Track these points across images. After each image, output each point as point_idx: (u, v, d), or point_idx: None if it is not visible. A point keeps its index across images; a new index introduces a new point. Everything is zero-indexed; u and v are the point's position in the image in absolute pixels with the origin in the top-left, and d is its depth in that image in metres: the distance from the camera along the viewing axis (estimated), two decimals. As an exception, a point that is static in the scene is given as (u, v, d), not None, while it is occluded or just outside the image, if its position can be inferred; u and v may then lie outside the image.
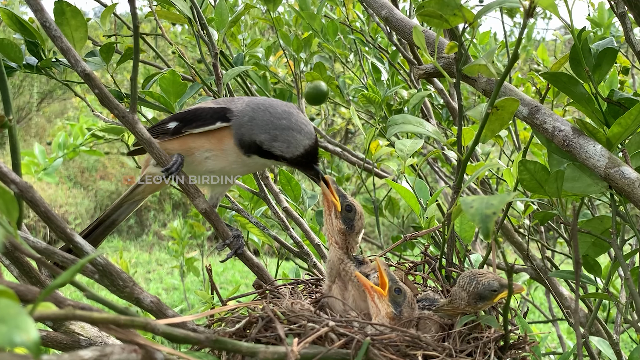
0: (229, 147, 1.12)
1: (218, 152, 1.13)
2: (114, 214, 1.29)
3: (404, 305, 0.99)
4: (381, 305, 0.98)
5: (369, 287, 1.00)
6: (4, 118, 0.87)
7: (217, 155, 1.14)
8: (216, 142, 1.13)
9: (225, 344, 0.71)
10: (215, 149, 1.13)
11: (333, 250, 1.09)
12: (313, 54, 2.36)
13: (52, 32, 1.02)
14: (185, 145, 1.15)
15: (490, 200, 0.70)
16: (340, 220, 1.07)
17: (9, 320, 0.46)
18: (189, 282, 6.54)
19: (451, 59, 1.13)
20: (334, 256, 1.08)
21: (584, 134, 1.03)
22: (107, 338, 1.18)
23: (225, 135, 1.12)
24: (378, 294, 0.99)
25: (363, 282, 1.00)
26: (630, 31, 1.22)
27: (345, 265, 1.07)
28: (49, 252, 0.87)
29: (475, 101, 3.07)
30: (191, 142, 1.14)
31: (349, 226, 1.07)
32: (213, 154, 1.14)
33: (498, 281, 0.95)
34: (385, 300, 0.98)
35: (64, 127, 6.28)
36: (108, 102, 1.06)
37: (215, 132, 1.12)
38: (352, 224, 1.08)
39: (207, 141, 1.13)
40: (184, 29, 4.22)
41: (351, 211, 1.08)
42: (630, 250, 1.14)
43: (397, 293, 0.98)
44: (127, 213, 1.31)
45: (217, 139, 1.12)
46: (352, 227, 1.08)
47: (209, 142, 1.13)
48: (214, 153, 1.14)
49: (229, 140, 1.12)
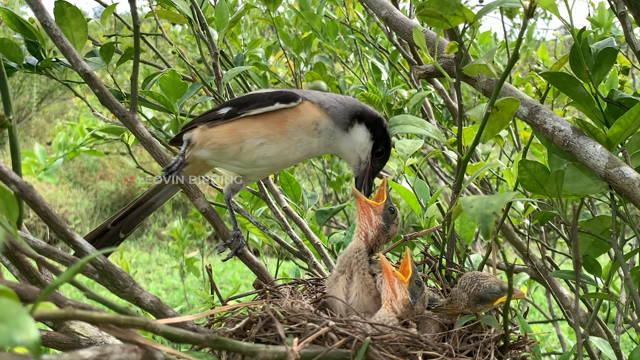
0: (298, 125, 1.12)
1: (277, 135, 1.12)
2: (153, 196, 1.26)
3: (420, 298, 1.00)
4: (399, 290, 0.99)
5: (390, 270, 1.00)
6: (4, 118, 0.87)
7: (275, 139, 1.12)
8: (274, 125, 1.11)
9: (225, 344, 0.71)
10: (273, 133, 1.11)
11: (356, 241, 1.11)
12: (313, 54, 2.36)
13: (52, 32, 1.02)
14: (234, 132, 1.12)
15: (490, 200, 0.70)
16: (380, 216, 1.11)
17: (9, 320, 0.46)
18: (189, 282, 6.54)
19: (451, 59, 1.13)
20: (354, 245, 1.10)
21: (584, 134, 1.03)
22: (107, 338, 1.18)
23: (303, 111, 1.12)
24: (399, 279, 1.00)
25: (385, 265, 1.01)
26: (630, 31, 1.22)
27: (359, 254, 1.09)
28: (49, 252, 0.87)
29: (476, 101, 3.07)
30: (242, 128, 1.12)
31: (386, 225, 1.12)
32: (269, 139, 1.12)
33: (499, 285, 0.94)
34: (404, 287, 0.99)
35: (64, 127, 6.28)
36: (108, 102, 1.06)
37: (274, 115, 1.11)
38: (389, 225, 1.12)
39: (263, 126, 1.11)
40: (184, 29, 4.22)
41: (393, 213, 1.13)
42: (630, 250, 1.14)
43: (417, 285, 1.00)
44: (165, 197, 1.27)
45: (278, 121, 1.11)
46: (389, 227, 1.12)
47: (265, 126, 1.11)
48: (270, 138, 1.12)
49: (311, 115, 1.12)
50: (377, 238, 1.11)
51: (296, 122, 1.11)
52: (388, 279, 1.00)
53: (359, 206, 1.12)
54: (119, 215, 1.25)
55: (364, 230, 1.11)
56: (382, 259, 1.02)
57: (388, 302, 0.99)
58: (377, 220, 1.11)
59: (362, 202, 1.12)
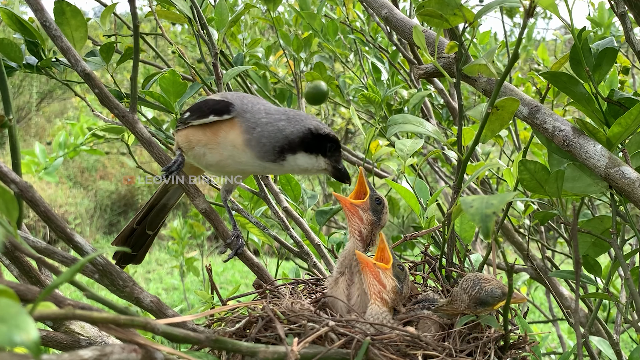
0: (230, 140, 1.09)
1: (214, 146, 1.11)
2: (163, 197, 1.29)
3: (405, 282, 1.01)
4: (387, 280, 0.99)
5: (370, 263, 1.01)
6: (4, 118, 0.87)
7: (213, 149, 1.11)
8: (211, 135, 1.10)
9: (225, 344, 0.71)
10: (210, 142, 1.11)
11: (353, 241, 1.10)
12: (313, 53, 2.36)
13: (52, 32, 1.02)
14: (186, 138, 1.13)
15: (490, 200, 0.70)
16: (369, 212, 1.09)
17: (9, 320, 0.46)
18: (189, 282, 6.54)
19: (451, 58, 1.13)
20: (351, 247, 1.09)
21: (584, 133, 1.03)
22: (107, 338, 1.18)
23: (226, 130, 1.09)
24: (382, 269, 1.00)
25: (364, 260, 1.01)
26: (631, 31, 1.22)
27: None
28: (49, 252, 0.87)
29: (476, 101, 3.07)
30: (191, 134, 1.12)
31: (377, 218, 1.10)
32: (208, 148, 1.11)
33: (501, 289, 0.94)
34: (389, 274, 0.99)
35: (63, 126, 6.28)
36: (108, 102, 1.06)
37: (212, 126, 1.10)
38: (380, 217, 1.10)
39: (203, 135, 1.11)
40: (184, 28, 4.22)
41: (380, 204, 1.11)
42: (630, 250, 1.14)
43: (400, 269, 1.01)
44: (176, 197, 1.30)
45: (213, 132, 1.10)
46: (380, 219, 1.10)
47: (205, 135, 1.11)
48: (210, 146, 1.11)
49: (233, 134, 1.08)
50: (371, 233, 1.10)
51: (228, 136, 1.09)
52: (371, 272, 1.00)
53: (345, 208, 1.10)
54: (139, 217, 1.29)
55: (357, 229, 1.10)
56: (358, 255, 1.02)
57: (377, 296, 0.99)
58: (367, 217, 1.09)
59: (348, 203, 1.10)
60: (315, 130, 1.08)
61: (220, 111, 1.09)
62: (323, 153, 1.10)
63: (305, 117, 1.10)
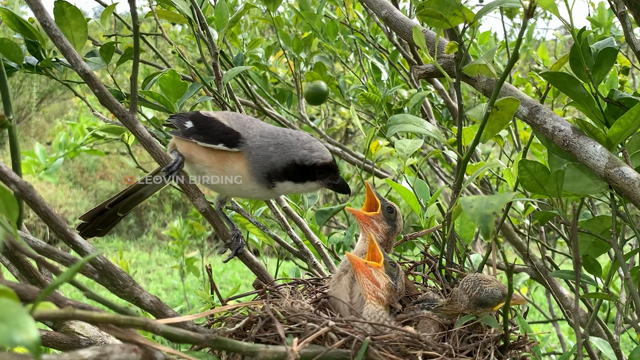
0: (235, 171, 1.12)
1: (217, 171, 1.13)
2: (141, 189, 1.30)
3: (398, 278, 1.02)
4: (379, 278, 1.00)
5: (362, 263, 1.01)
6: (4, 118, 0.87)
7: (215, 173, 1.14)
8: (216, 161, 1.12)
9: (225, 344, 0.71)
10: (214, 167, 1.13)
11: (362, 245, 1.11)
12: (313, 54, 2.36)
13: (52, 32, 1.02)
14: (188, 151, 1.15)
15: (490, 200, 0.70)
16: (384, 222, 1.12)
17: (9, 320, 0.46)
18: (189, 282, 6.54)
19: (451, 58, 1.13)
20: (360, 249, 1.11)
21: (584, 134, 1.03)
22: (107, 338, 1.18)
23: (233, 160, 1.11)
24: (374, 267, 1.00)
25: (355, 261, 1.01)
26: (630, 31, 1.22)
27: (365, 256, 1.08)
28: (49, 252, 0.87)
29: (476, 101, 3.07)
30: (194, 151, 1.14)
31: (392, 226, 1.12)
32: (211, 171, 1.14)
33: (501, 290, 0.94)
34: (382, 272, 1.00)
35: (63, 127, 6.28)
36: (108, 102, 1.06)
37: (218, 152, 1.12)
38: (394, 224, 1.13)
39: (207, 157, 1.13)
40: (184, 28, 4.22)
41: (392, 212, 1.13)
42: (630, 250, 1.14)
43: (392, 266, 1.02)
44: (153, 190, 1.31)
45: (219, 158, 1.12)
46: (395, 226, 1.13)
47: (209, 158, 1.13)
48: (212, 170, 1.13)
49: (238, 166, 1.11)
50: (387, 240, 1.12)
51: (234, 166, 1.11)
52: (363, 271, 1.01)
53: (359, 220, 1.13)
54: (114, 200, 1.30)
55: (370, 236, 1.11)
56: (348, 256, 1.02)
57: (372, 295, 0.99)
58: (382, 227, 1.12)
59: (362, 216, 1.12)
60: (300, 162, 1.08)
61: (231, 143, 1.11)
62: (312, 178, 1.11)
63: (295, 144, 1.10)
